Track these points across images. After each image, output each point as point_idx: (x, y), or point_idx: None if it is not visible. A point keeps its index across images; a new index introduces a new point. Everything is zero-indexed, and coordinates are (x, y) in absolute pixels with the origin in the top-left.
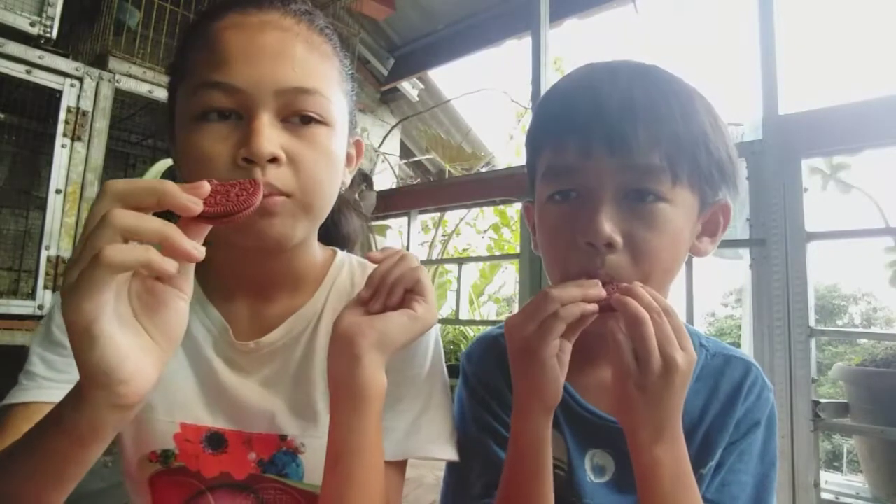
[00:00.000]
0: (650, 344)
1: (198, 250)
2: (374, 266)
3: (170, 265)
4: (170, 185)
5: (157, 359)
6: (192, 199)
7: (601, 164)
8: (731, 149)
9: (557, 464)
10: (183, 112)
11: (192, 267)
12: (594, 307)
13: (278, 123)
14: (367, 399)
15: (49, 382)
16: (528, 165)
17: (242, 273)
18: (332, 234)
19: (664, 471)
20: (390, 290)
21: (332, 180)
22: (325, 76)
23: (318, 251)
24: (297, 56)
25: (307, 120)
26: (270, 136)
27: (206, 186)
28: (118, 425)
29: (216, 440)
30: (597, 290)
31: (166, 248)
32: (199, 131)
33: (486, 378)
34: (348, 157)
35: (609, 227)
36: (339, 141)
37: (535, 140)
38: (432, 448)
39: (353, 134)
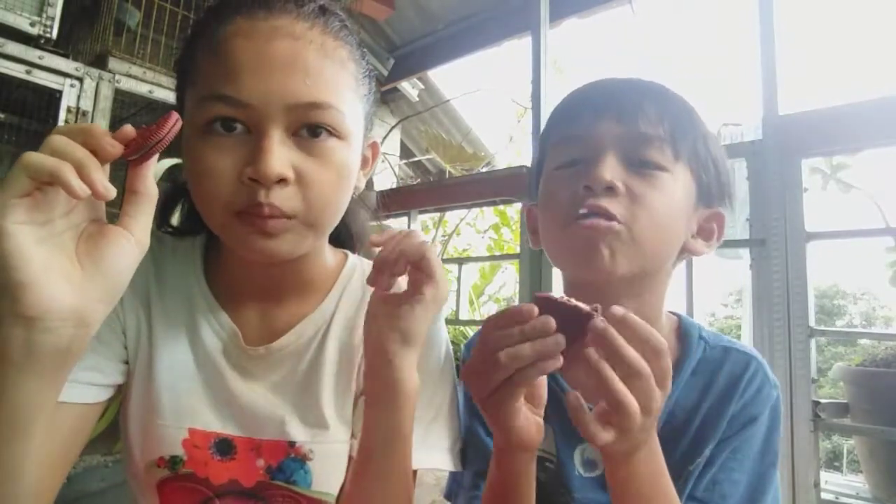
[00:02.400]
0: (626, 410)
1: (105, 188)
2: None
3: (77, 185)
4: (95, 129)
5: (80, 290)
6: (110, 142)
7: (610, 130)
8: (726, 162)
9: (546, 456)
10: (189, 121)
11: (144, 210)
12: (556, 363)
13: (288, 139)
14: (404, 395)
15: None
16: (538, 159)
17: (252, 278)
18: (342, 233)
19: (641, 483)
20: (394, 265)
21: (342, 197)
22: (340, 85)
23: (328, 255)
24: (309, 66)
25: (319, 133)
26: (279, 155)
27: (127, 130)
28: (25, 349)
29: (225, 446)
30: (554, 342)
31: (80, 175)
32: (204, 144)
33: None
34: (364, 160)
35: (610, 173)
36: (353, 152)
37: (548, 129)
38: (439, 458)
39: (369, 137)
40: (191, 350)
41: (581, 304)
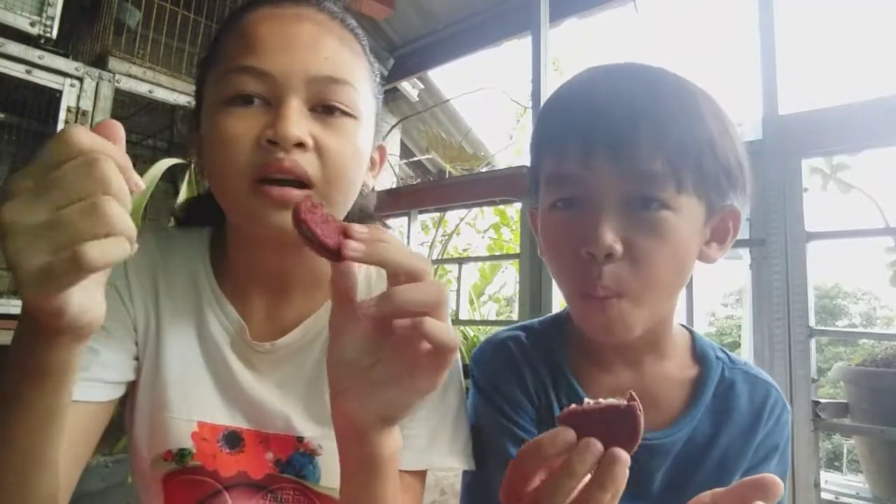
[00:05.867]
0: None
1: None
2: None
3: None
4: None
5: (102, 285)
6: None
7: (603, 171)
8: (740, 154)
9: None
10: (211, 98)
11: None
12: (595, 456)
13: (306, 112)
14: (383, 465)
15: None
16: (532, 170)
17: (259, 270)
18: None
19: None
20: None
21: (356, 175)
22: (356, 71)
23: None
24: (329, 48)
25: (335, 110)
26: (298, 121)
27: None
28: (68, 360)
29: (233, 439)
30: (592, 456)
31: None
32: (226, 115)
33: (496, 381)
34: (371, 162)
35: (610, 236)
36: (366, 136)
37: (538, 146)
38: (452, 458)
39: (377, 139)
40: (198, 343)
41: (614, 401)
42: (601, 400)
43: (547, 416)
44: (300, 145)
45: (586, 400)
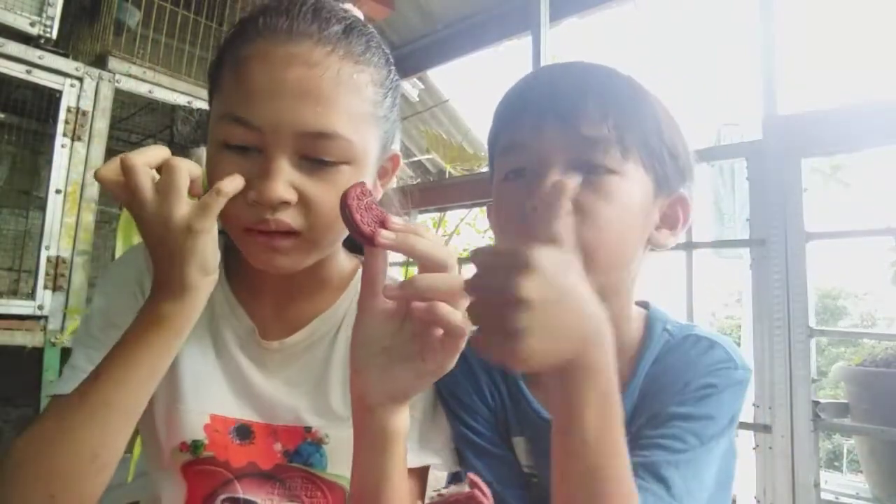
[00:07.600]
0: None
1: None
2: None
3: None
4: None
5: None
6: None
7: (553, 137)
8: (688, 146)
9: (530, 471)
10: (211, 130)
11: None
12: None
13: (296, 161)
14: (391, 439)
15: None
16: (490, 164)
17: (267, 276)
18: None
19: (586, 428)
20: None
21: None
22: (352, 114)
23: (342, 259)
24: (321, 95)
25: (325, 162)
26: (283, 180)
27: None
28: (199, 312)
29: (244, 431)
30: None
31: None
32: (220, 159)
33: (452, 387)
34: (382, 171)
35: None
36: (362, 175)
37: (494, 132)
38: (446, 454)
39: (389, 150)
40: (211, 342)
41: (455, 490)
42: (444, 492)
43: (503, 418)
44: (284, 202)
45: (429, 493)
